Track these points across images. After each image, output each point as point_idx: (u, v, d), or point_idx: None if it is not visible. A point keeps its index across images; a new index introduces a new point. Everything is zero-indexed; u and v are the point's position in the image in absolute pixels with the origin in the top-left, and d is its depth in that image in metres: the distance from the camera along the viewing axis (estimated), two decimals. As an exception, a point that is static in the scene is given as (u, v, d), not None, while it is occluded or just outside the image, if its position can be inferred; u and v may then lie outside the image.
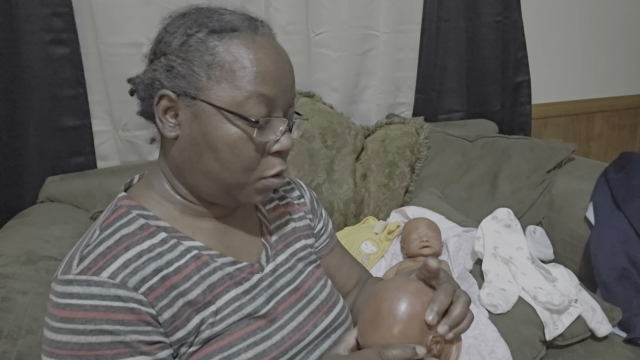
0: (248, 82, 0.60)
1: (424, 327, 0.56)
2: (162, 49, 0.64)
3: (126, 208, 0.65)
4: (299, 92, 1.65)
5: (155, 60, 0.65)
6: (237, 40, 0.61)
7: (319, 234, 0.87)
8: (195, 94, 0.61)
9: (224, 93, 0.61)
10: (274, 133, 0.63)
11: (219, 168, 0.63)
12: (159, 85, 0.63)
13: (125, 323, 0.56)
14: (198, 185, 0.66)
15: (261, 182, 0.65)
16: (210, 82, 0.61)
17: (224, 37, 0.61)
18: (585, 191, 1.55)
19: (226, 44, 0.61)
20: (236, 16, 0.64)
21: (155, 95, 0.63)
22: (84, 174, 1.45)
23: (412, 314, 0.57)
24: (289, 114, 0.67)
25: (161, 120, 0.64)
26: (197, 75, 0.61)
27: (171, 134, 0.64)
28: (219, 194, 0.66)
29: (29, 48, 1.36)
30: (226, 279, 0.66)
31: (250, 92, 0.61)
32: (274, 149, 0.64)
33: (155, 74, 0.64)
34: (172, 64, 0.62)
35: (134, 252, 0.60)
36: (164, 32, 0.65)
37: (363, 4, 1.69)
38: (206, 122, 0.61)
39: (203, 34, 0.61)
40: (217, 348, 0.62)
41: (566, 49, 2.18)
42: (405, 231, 1.42)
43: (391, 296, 0.59)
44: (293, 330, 0.69)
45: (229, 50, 0.61)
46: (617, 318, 1.25)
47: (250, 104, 0.61)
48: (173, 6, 0.69)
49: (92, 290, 0.56)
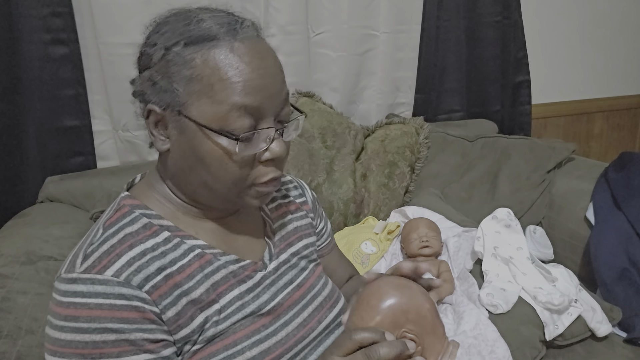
0: (228, 95, 0.58)
1: (397, 321, 0.58)
2: (145, 63, 0.63)
3: (129, 207, 0.65)
4: (298, 92, 1.64)
5: (141, 74, 0.64)
6: (215, 50, 0.59)
7: (321, 232, 0.87)
8: (179, 110, 0.60)
9: (205, 108, 0.59)
10: (262, 141, 0.62)
11: (212, 180, 0.63)
12: (147, 99, 0.63)
13: (130, 321, 0.56)
14: (195, 193, 0.66)
15: (254, 190, 0.65)
16: (190, 97, 0.59)
17: (202, 48, 0.59)
18: (586, 191, 1.54)
19: (204, 55, 0.59)
20: (215, 20, 0.61)
21: (144, 108, 0.63)
22: (83, 174, 1.45)
23: (390, 306, 0.58)
24: (282, 115, 0.65)
25: (152, 134, 0.64)
26: (177, 92, 0.60)
27: (163, 147, 0.64)
28: (216, 201, 0.67)
29: (28, 48, 1.36)
30: (230, 277, 0.66)
31: (231, 106, 0.59)
32: (264, 157, 0.63)
33: (142, 87, 0.63)
34: (154, 79, 0.61)
35: (137, 251, 0.60)
36: (145, 45, 0.64)
37: (363, 4, 1.69)
38: (192, 138, 0.61)
39: (180, 47, 0.59)
40: (221, 346, 0.62)
41: (566, 49, 2.18)
42: (405, 231, 1.42)
43: (376, 287, 0.60)
44: (298, 327, 0.69)
45: (207, 62, 0.59)
46: (617, 318, 1.25)
47: (232, 117, 0.59)
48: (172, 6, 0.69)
49: (96, 288, 0.56)
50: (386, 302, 0.58)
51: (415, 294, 0.60)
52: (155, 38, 0.62)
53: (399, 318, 0.58)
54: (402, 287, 0.60)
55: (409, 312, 0.58)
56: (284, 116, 0.65)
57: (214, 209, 0.69)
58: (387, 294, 0.59)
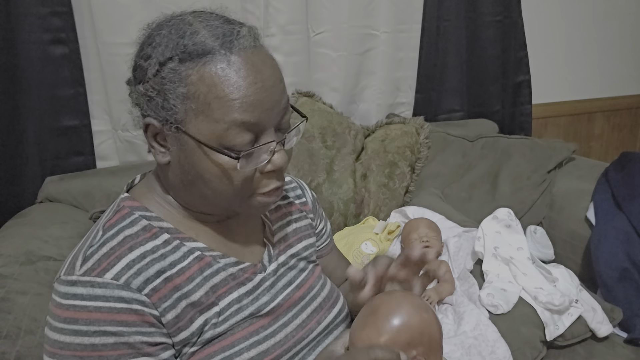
0: (225, 112, 0.57)
1: (412, 341, 0.59)
2: (139, 76, 0.61)
3: (129, 209, 0.64)
4: (298, 92, 1.64)
5: (136, 86, 0.62)
6: (210, 65, 0.57)
7: (321, 233, 0.87)
8: (177, 126, 0.59)
9: (203, 126, 0.58)
10: (264, 153, 0.61)
11: (212, 194, 0.62)
12: (144, 112, 0.62)
13: (129, 324, 0.56)
14: (195, 203, 0.66)
15: (256, 200, 0.64)
16: (188, 115, 0.58)
17: (197, 63, 0.57)
18: (586, 191, 1.54)
19: (199, 72, 0.57)
20: (210, 31, 0.59)
21: (142, 120, 0.62)
22: (83, 174, 1.45)
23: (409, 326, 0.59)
24: (282, 124, 0.64)
25: (152, 146, 0.63)
26: (175, 109, 0.59)
27: (163, 159, 0.63)
28: (217, 210, 0.67)
29: (28, 47, 1.36)
30: (229, 279, 0.66)
31: (229, 123, 0.57)
32: (267, 169, 0.62)
33: (138, 100, 0.62)
34: (149, 94, 0.60)
35: (137, 253, 0.60)
36: (138, 58, 0.62)
37: (363, 3, 1.69)
38: (191, 154, 0.60)
39: (175, 63, 0.58)
40: (219, 348, 0.62)
41: (566, 49, 2.18)
42: (405, 231, 1.42)
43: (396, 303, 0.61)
44: (296, 328, 0.69)
45: (202, 79, 0.57)
46: (618, 318, 1.25)
47: (231, 134, 0.58)
48: (172, 5, 0.69)
49: (95, 291, 0.56)
50: (406, 322, 0.59)
51: (432, 317, 0.62)
52: (149, 51, 0.60)
53: (415, 339, 0.59)
54: (421, 307, 0.61)
55: (423, 334, 0.60)
56: (284, 124, 0.64)
57: (215, 214, 0.69)
58: (408, 314, 0.60)
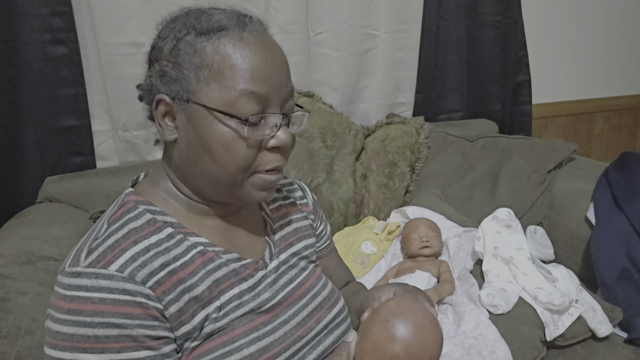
0: (237, 81, 0.61)
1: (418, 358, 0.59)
2: (155, 55, 0.66)
3: (133, 203, 0.65)
4: (298, 92, 1.64)
5: (151, 67, 0.66)
6: (225, 39, 0.61)
7: (321, 234, 0.88)
8: (188, 97, 0.62)
9: (214, 94, 0.61)
10: (269, 128, 0.63)
11: (216, 169, 0.63)
12: (156, 91, 0.64)
13: (133, 317, 0.56)
14: (200, 186, 0.67)
15: (257, 177, 0.65)
16: (200, 84, 0.61)
17: (212, 37, 0.62)
18: (586, 191, 1.54)
19: (214, 44, 0.61)
20: (225, 15, 0.64)
21: (154, 100, 0.65)
22: (83, 174, 1.45)
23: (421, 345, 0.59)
24: (286, 108, 0.66)
25: (160, 124, 0.65)
26: (187, 78, 0.62)
27: (170, 137, 0.65)
28: (220, 194, 0.67)
29: (28, 48, 1.36)
30: (231, 275, 0.66)
31: (240, 91, 0.61)
32: (270, 144, 0.64)
33: (152, 80, 0.65)
34: (164, 69, 0.63)
35: (142, 246, 0.60)
36: (157, 39, 0.66)
37: (363, 3, 1.69)
38: (200, 124, 0.62)
39: (191, 36, 0.62)
40: (219, 343, 0.62)
41: (566, 49, 2.18)
42: (405, 231, 1.42)
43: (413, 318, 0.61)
44: (296, 326, 0.70)
45: (217, 50, 0.61)
46: (618, 318, 1.25)
47: (241, 102, 0.61)
48: (172, 5, 0.70)
49: (100, 283, 0.56)
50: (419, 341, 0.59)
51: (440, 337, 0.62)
52: (167, 32, 0.65)
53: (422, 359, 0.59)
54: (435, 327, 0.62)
55: (433, 356, 0.60)
56: (288, 109, 0.67)
57: (218, 204, 0.70)
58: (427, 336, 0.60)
